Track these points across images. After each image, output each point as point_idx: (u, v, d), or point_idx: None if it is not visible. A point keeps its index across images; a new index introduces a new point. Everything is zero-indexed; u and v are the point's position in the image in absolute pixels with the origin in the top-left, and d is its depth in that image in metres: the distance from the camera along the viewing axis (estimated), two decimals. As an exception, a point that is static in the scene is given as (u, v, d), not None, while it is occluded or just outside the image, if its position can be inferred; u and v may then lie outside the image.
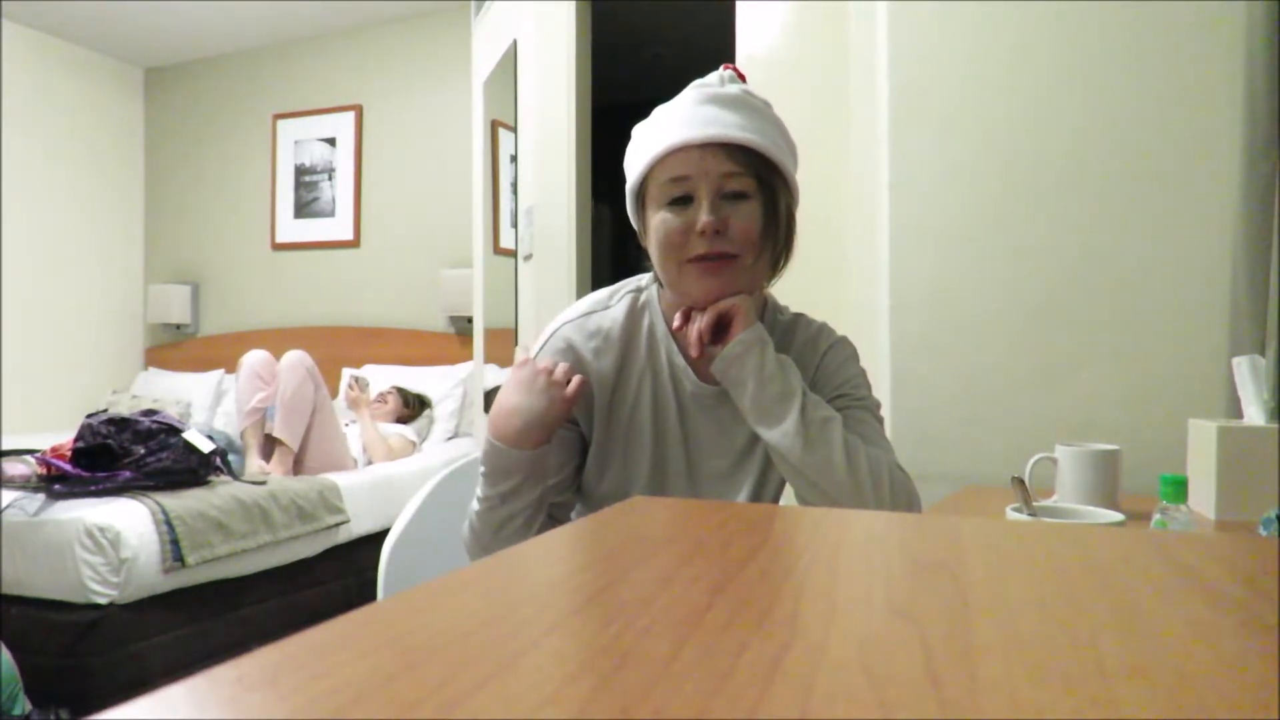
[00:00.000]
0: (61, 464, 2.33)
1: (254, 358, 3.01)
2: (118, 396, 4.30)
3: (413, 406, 3.63)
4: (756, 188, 0.92)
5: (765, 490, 1.02)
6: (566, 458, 1.02)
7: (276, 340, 4.10)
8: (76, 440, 2.38)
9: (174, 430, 2.48)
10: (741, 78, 0.99)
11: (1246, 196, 1.37)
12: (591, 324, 1.01)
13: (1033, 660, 0.30)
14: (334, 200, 4.45)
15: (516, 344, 2.87)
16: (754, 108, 0.94)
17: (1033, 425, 1.48)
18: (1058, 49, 1.50)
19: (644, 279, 1.05)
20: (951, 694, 0.27)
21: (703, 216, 0.90)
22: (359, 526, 2.95)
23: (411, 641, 0.31)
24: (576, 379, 0.95)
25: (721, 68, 0.99)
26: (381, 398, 3.54)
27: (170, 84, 4.89)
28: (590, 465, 1.03)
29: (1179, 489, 0.98)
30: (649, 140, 0.95)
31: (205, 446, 2.51)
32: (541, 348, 1.01)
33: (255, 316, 4.61)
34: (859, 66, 1.76)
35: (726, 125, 0.91)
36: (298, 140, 4.53)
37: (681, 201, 0.92)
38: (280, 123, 4.56)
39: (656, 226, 0.93)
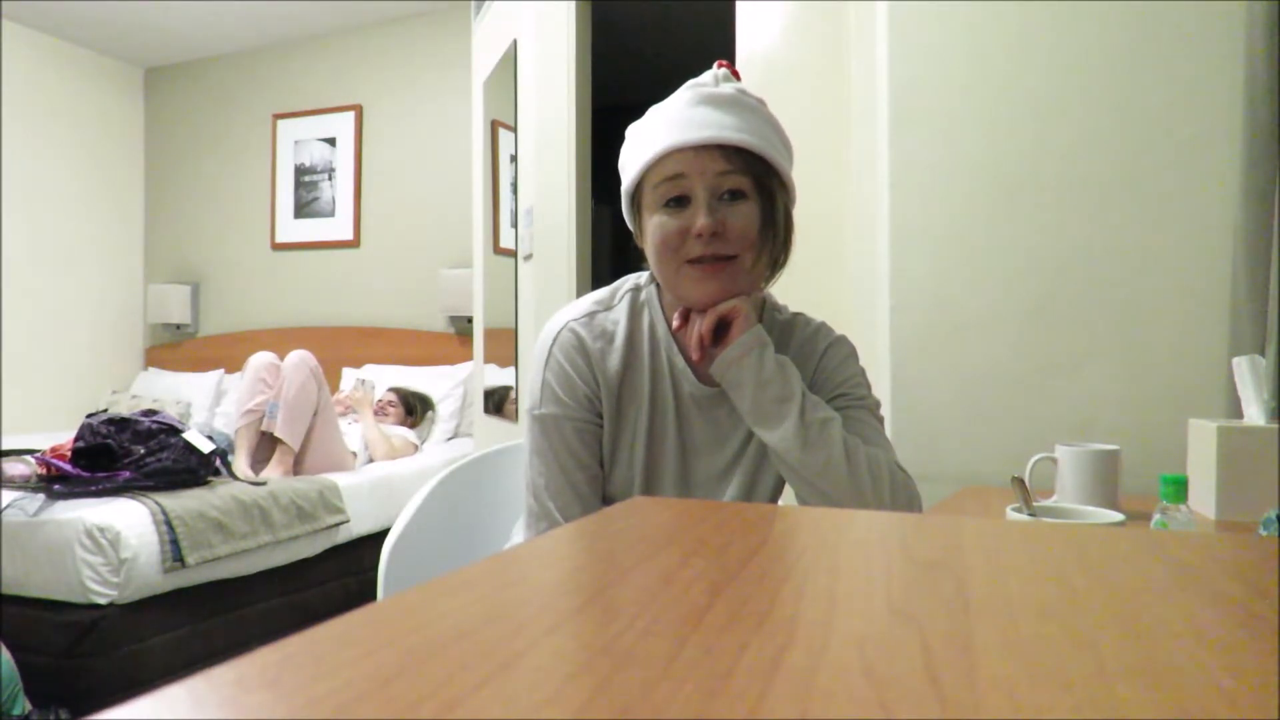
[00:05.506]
0: (61, 464, 2.33)
1: (260, 359, 2.99)
2: (118, 396, 4.30)
3: (415, 412, 3.59)
4: (753, 188, 0.91)
5: (755, 494, 1.02)
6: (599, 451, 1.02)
7: (276, 340, 4.10)
8: (76, 440, 2.39)
9: (174, 430, 2.48)
10: (735, 75, 0.98)
11: (1246, 197, 1.37)
12: (597, 324, 1.00)
13: (1033, 660, 0.30)
14: (334, 200, 4.44)
15: (517, 344, 2.86)
16: (748, 107, 0.93)
17: (1033, 425, 1.48)
18: (1057, 49, 1.50)
19: (641, 277, 1.04)
20: (951, 694, 0.27)
21: (699, 219, 0.89)
22: (359, 526, 2.95)
23: (411, 641, 0.31)
24: None
25: (715, 65, 0.98)
26: (381, 408, 3.51)
27: (170, 84, 4.89)
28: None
29: (1179, 489, 0.98)
30: (643, 142, 0.94)
31: (205, 447, 2.51)
32: (552, 343, 0.99)
33: (255, 316, 4.61)
34: (859, 66, 1.76)
35: (721, 127, 0.90)
36: (298, 140, 4.52)
37: (678, 204, 0.91)
38: (280, 123, 4.56)
39: (653, 230, 0.93)
